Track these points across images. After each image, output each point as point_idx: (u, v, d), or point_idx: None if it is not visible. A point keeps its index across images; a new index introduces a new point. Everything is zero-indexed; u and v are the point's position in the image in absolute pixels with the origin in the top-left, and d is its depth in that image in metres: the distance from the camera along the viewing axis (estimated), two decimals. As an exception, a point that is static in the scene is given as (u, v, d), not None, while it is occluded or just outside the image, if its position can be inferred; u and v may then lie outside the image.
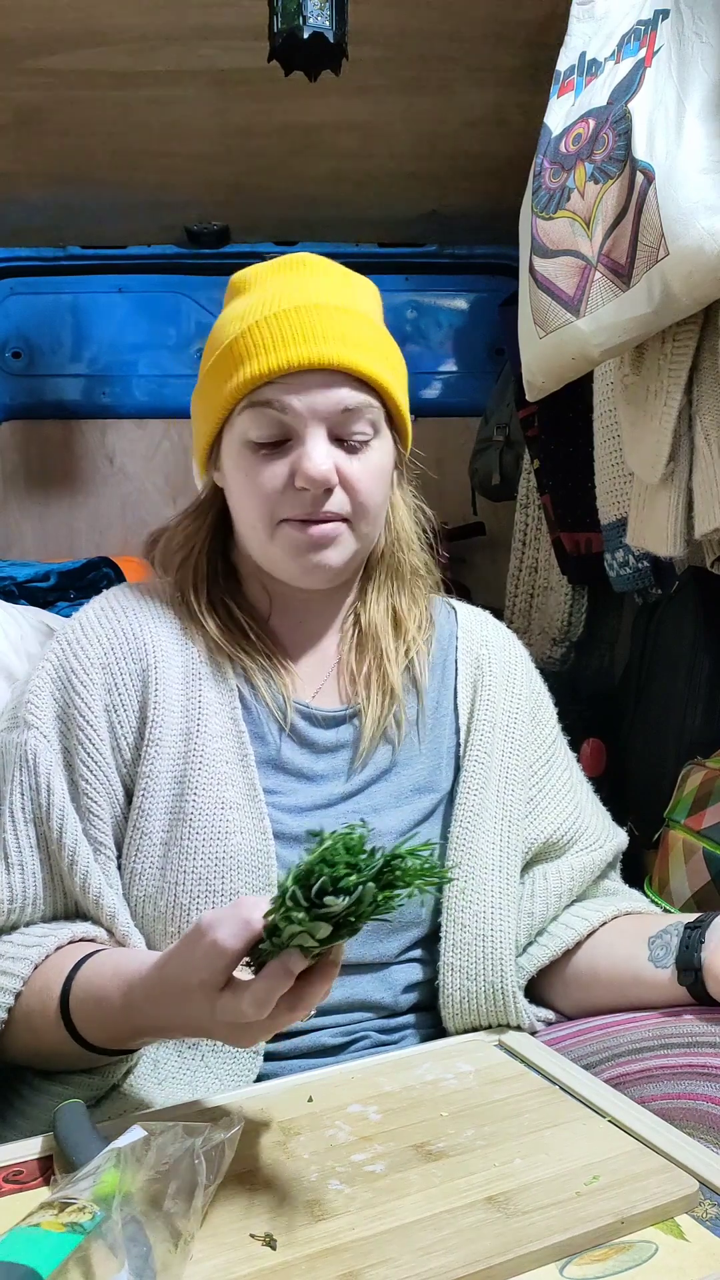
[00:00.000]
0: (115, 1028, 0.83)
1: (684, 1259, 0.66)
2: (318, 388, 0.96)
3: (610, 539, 1.74)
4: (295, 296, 0.98)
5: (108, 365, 2.88)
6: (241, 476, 0.99)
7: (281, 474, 0.97)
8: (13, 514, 2.95)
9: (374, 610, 1.07)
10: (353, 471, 0.98)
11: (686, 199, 1.12)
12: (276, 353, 0.95)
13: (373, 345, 0.99)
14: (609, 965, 1.01)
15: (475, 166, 2.20)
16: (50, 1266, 0.58)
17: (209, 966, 0.71)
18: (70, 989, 0.86)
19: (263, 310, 0.97)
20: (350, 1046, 0.98)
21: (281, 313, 0.96)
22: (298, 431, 0.97)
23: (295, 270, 1.02)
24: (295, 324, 0.96)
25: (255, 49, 1.46)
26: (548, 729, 1.14)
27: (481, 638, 1.14)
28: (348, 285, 1.02)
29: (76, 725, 0.97)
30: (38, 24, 1.62)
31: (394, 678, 1.04)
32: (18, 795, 0.96)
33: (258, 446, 0.98)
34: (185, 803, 0.95)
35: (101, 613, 1.03)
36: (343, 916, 0.67)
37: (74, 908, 0.96)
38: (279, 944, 0.68)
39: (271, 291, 0.99)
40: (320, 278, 1.01)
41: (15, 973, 0.89)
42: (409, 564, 1.10)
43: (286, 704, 1.02)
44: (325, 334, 0.96)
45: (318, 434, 0.96)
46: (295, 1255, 0.65)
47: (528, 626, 2.46)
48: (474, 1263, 0.64)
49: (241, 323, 0.98)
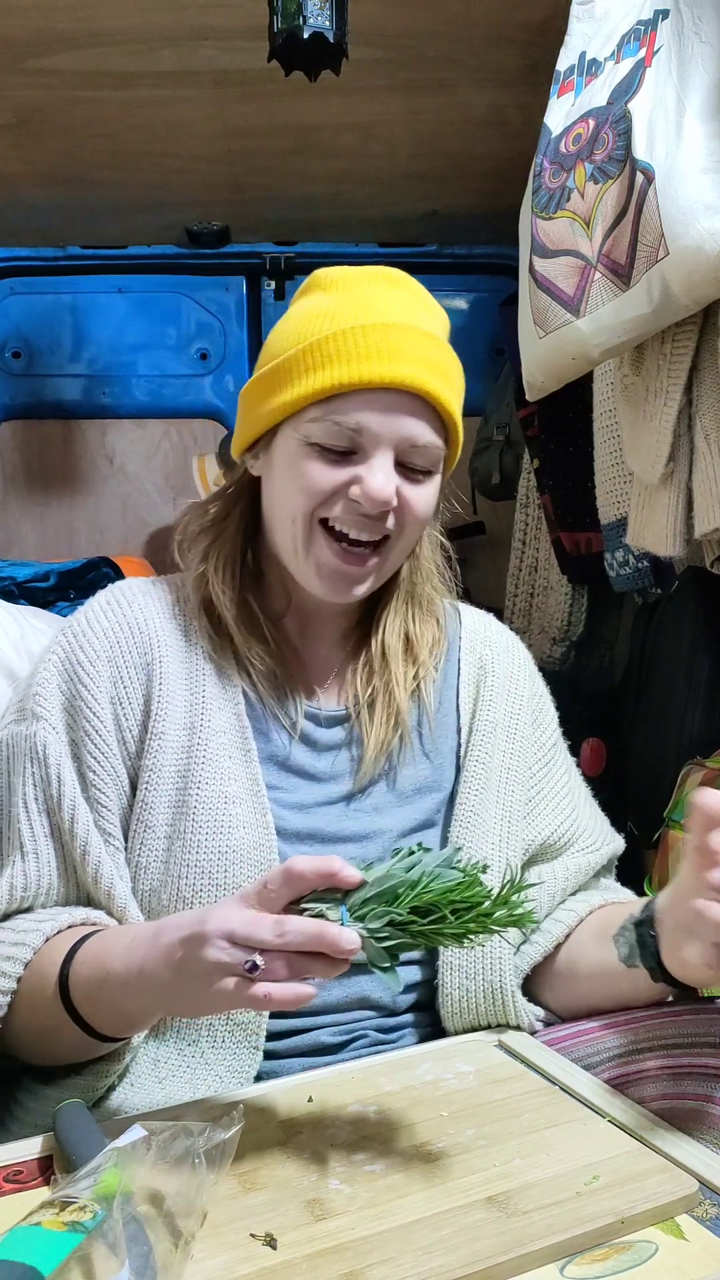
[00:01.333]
0: (118, 995, 0.82)
1: (684, 1259, 0.66)
2: (399, 413, 0.94)
3: (610, 539, 1.74)
4: (393, 314, 0.95)
5: (107, 365, 2.88)
6: (293, 471, 0.97)
7: (338, 479, 0.95)
8: (13, 514, 2.95)
9: (388, 633, 1.07)
10: (410, 496, 0.97)
11: (686, 199, 1.12)
12: (370, 364, 0.93)
13: (452, 379, 0.98)
14: (585, 964, 1.01)
15: (475, 166, 2.20)
16: (51, 1265, 0.58)
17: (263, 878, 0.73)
18: (71, 961, 0.86)
19: (357, 317, 0.95)
20: (349, 1045, 0.98)
21: (379, 325, 0.94)
22: (366, 448, 0.95)
23: (387, 282, 0.99)
24: (394, 341, 0.94)
25: (255, 49, 1.46)
26: (548, 732, 1.14)
27: (485, 639, 1.14)
28: (434, 313, 1.00)
29: (83, 717, 0.97)
30: (38, 24, 1.62)
31: (400, 701, 1.04)
32: (30, 786, 0.96)
33: (323, 450, 0.96)
34: (188, 796, 0.95)
35: (107, 606, 1.03)
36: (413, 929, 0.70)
37: (86, 898, 0.96)
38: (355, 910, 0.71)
39: (361, 299, 0.97)
40: (413, 300, 0.99)
41: (27, 943, 0.89)
42: (426, 594, 1.10)
43: (291, 702, 1.02)
44: (414, 356, 0.94)
45: (386, 456, 0.95)
46: (296, 1254, 0.65)
47: (528, 626, 2.47)
48: (474, 1262, 0.64)
49: (330, 322, 0.95)
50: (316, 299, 0.99)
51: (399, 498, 0.96)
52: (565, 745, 1.16)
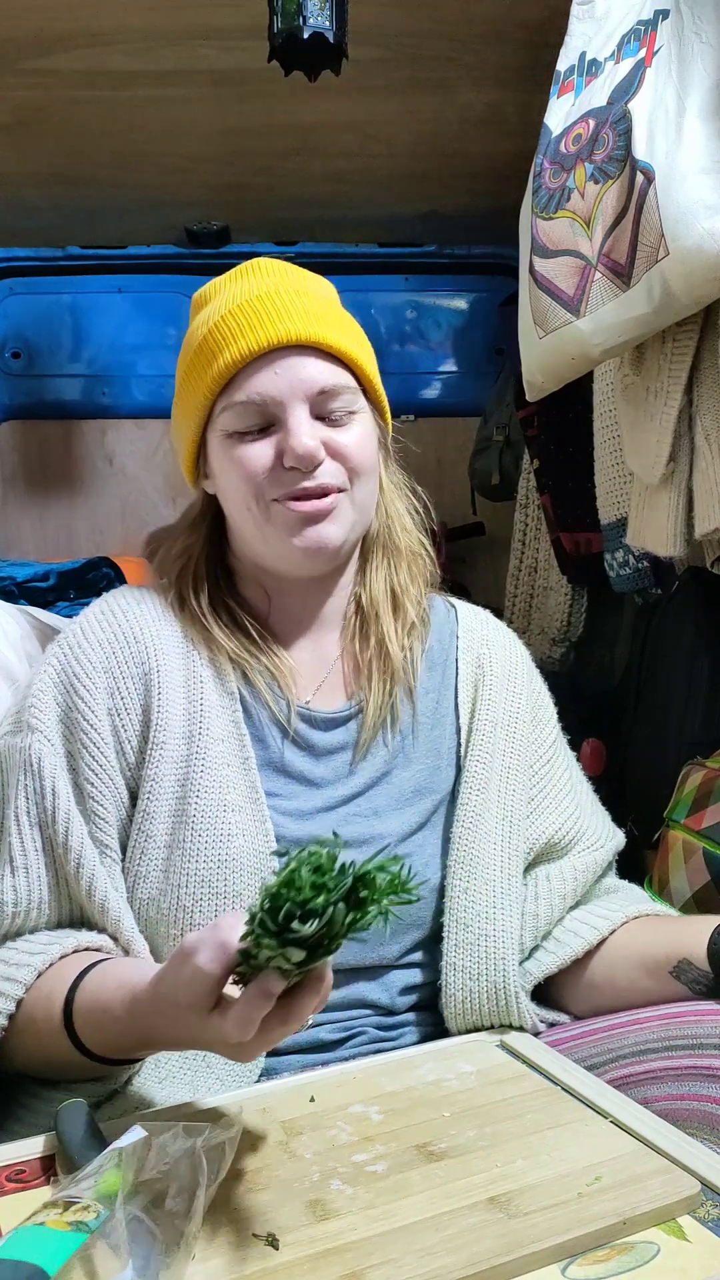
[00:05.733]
0: (120, 1037, 0.83)
1: (686, 1259, 0.66)
2: (291, 368, 0.97)
3: (610, 539, 1.74)
4: (256, 289, 1.00)
5: (107, 365, 2.88)
6: (229, 465, 1.00)
7: (268, 454, 0.98)
8: (13, 514, 2.95)
9: (374, 588, 1.08)
10: (340, 441, 0.99)
11: (686, 199, 1.12)
12: (246, 338, 0.96)
13: (338, 322, 1.01)
14: (635, 992, 0.99)
15: (475, 166, 2.20)
16: (56, 1265, 0.58)
17: (193, 990, 0.70)
18: (74, 998, 0.85)
19: (227, 305, 0.99)
20: (348, 1042, 0.98)
21: (245, 303, 0.98)
22: (279, 416, 0.98)
23: (252, 272, 1.04)
24: (261, 309, 0.97)
25: (255, 49, 1.46)
26: (548, 729, 1.14)
27: (482, 637, 1.14)
28: (306, 277, 1.05)
29: (80, 729, 0.97)
30: (38, 24, 1.62)
31: (395, 656, 1.05)
32: (23, 799, 0.96)
33: (242, 435, 0.99)
34: (188, 805, 0.95)
35: (103, 616, 1.03)
36: (315, 939, 0.65)
37: (79, 913, 0.96)
38: (257, 966, 0.67)
39: (232, 292, 1.01)
40: (278, 273, 1.04)
41: (19, 979, 0.88)
42: (405, 544, 1.10)
43: (288, 706, 1.02)
44: (290, 314, 0.97)
45: (300, 412, 0.97)
46: (297, 1255, 0.65)
47: (528, 626, 2.47)
48: (476, 1263, 0.64)
49: (207, 325, 1.00)
50: (198, 316, 1.04)
51: (330, 446, 0.98)
52: (565, 742, 1.16)
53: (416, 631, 1.09)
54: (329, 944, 0.66)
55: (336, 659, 1.07)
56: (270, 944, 0.65)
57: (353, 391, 1.00)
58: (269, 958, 0.65)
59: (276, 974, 0.66)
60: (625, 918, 1.04)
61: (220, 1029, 0.70)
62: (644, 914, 1.06)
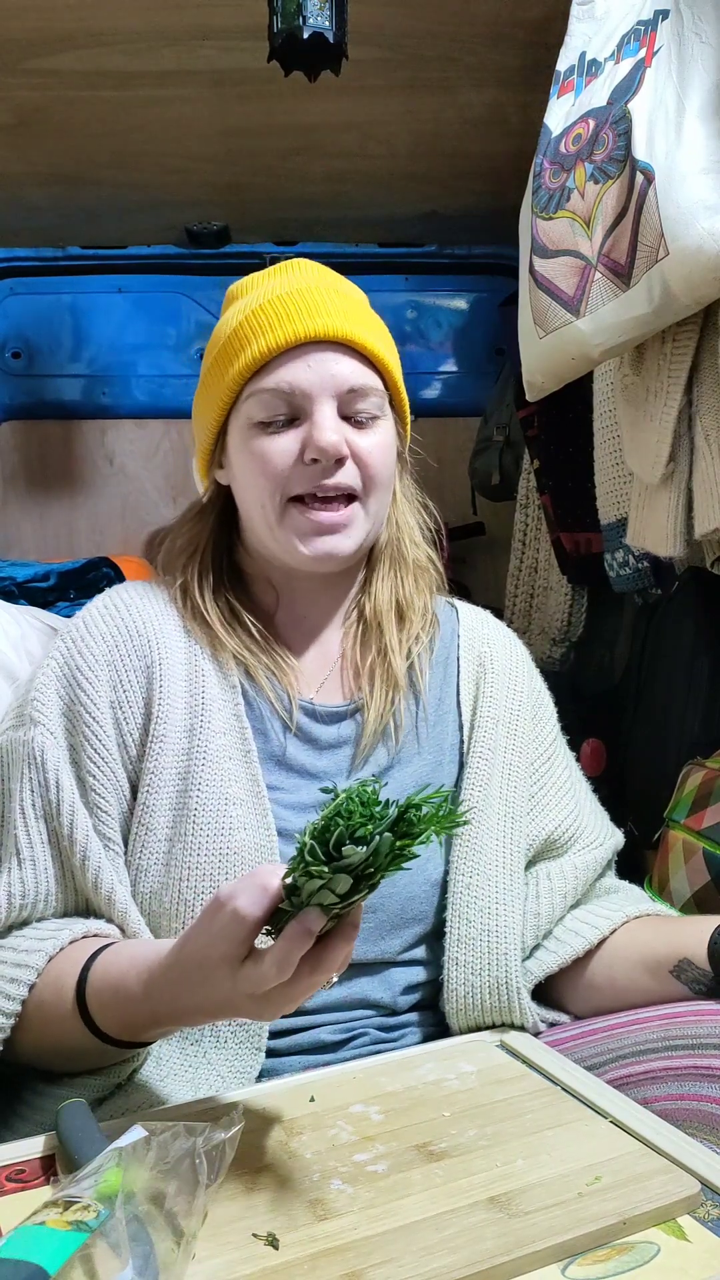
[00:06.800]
0: (133, 1016, 0.83)
1: (686, 1259, 0.66)
2: (325, 362, 0.98)
3: (610, 539, 1.74)
4: (294, 284, 1.00)
5: (107, 365, 2.88)
6: (249, 457, 1.00)
7: (291, 449, 0.98)
8: (13, 514, 2.95)
9: (379, 599, 1.08)
10: (362, 445, 0.99)
11: (686, 199, 1.12)
12: (283, 327, 0.97)
13: (372, 325, 1.02)
14: (635, 992, 1.00)
15: (475, 166, 2.20)
16: (57, 1264, 0.58)
17: (230, 937, 0.71)
18: (87, 979, 0.86)
19: (267, 296, 1.00)
20: (349, 1043, 0.98)
21: (281, 296, 0.99)
22: (305, 408, 0.98)
23: (290, 269, 1.05)
24: (298, 303, 0.98)
25: (255, 49, 1.46)
26: (548, 727, 1.14)
27: (483, 636, 1.14)
28: (341, 279, 1.06)
29: (83, 722, 0.97)
30: (38, 24, 1.62)
31: (397, 668, 1.05)
32: (28, 792, 0.96)
33: (265, 425, 0.99)
34: (189, 798, 0.95)
35: (106, 610, 1.03)
36: (361, 869, 0.67)
37: (85, 904, 0.96)
38: (298, 904, 0.69)
39: (269, 286, 1.02)
40: (315, 272, 1.05)
41: (31, 964, 0.89)
42: (413, 557, 1.10)
43: (291, 700, 1.02)
44: (326, 310, 0.98)
45: (327, 406, 0.98)
46: (298, 1255, 0.65)
47: (528, 626, 2.47)
48: (476, 1263, 0.64)
49: (241, 315, 1.00)
50: (232, 308, 1.05)
51: (352, 448, 0.98)
52: (565, 741, 1.16)
53: (423, 638, 1.09)
54: (374, 875, 0.68)
55: (338, 660, 1.07)
56: (321, 870, 0.66)
57: (380, 395, 1.01)
58: (314, 891, 0.67)
59: (318, 910, 0.68)
60: (625, 917, 1.04)
61: (255, 974, 0.70)
62: (644, 914, 1.06)
